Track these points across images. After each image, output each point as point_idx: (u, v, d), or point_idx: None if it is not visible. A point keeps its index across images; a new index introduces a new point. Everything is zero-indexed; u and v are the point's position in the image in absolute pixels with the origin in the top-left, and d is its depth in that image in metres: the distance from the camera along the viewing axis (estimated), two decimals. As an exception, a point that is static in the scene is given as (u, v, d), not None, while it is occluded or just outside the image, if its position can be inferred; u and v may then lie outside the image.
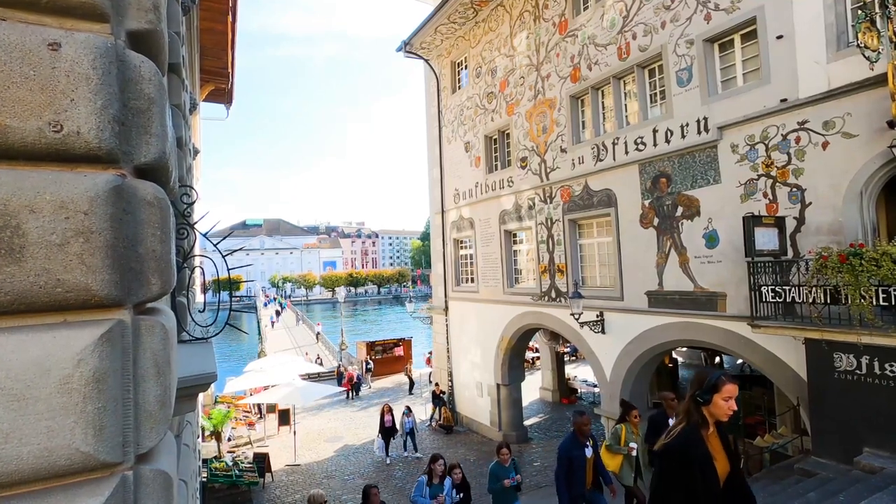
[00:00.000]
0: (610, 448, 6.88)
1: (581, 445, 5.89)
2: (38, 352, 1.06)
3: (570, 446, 5.87)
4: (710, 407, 2.63)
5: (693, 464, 2.52)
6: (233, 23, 7.81)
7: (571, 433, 6.00)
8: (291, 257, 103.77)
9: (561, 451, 5.93)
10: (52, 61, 1.10)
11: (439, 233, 16.61)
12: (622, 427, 6.91)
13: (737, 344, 8.02)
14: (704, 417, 2.65)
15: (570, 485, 5.73)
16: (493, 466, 6.72)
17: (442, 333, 16.59)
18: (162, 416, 1.27)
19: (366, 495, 6.36)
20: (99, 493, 1.11)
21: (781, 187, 7.40)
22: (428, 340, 22.33)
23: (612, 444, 6.88)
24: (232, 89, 11.20)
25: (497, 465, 6.74)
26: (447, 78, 16.13)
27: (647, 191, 9.47)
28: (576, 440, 5.91)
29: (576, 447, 5.87)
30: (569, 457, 5.78)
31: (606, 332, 10.40)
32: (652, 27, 9.22)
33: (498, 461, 6.78)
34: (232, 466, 11.46)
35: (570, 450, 5.83)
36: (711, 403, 2.62)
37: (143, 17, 1.29)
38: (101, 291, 1.13)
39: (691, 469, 2.51)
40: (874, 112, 6.32)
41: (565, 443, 5.97)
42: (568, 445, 5.89)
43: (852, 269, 5.71)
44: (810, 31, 7.02)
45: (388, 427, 13.01)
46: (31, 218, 1.07)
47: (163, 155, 1.30)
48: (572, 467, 5.75)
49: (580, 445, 5.90)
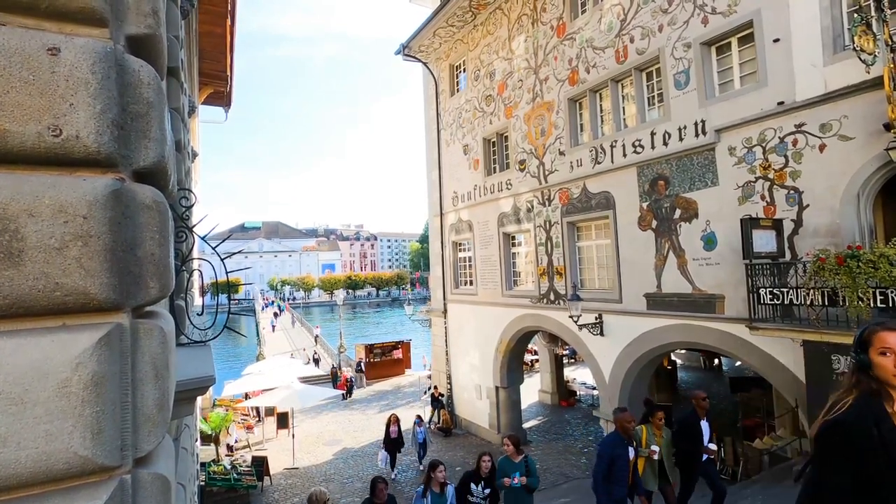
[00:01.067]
0: None
1: (625, 444, 5.47)
2: (37, 355, 1.06)
3: (614, 444, 5.45)
4: (872, 370, 2.00)
5: (869, 441, 1.91)
6: (231, 26, 7.83)
7: (614, 431, 5.61)
8: (290, 260, 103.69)
9: (603, 448, 5.49)
10: (52, 66, 1.10)
11: (438, 235, 16.62)
12: (643, 428, 6.50)
13: (735, 346, 8.03)
14: (882, 385, 1.99)
15: (611, 486, 5.33)
16: (501, 460, 6.29)
17: (441, 336, 16.58)
18: (160, 420, 1.27)
19: (373, 488, 5.85)
20: (97, 496, 1.11)
21: (779, 189, 7.43)
22: (427, 343, 22.30)
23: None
24: (231, 92, 11.22)
25: (504, 459, 6.27)
26: (446, 81, 16.16)
27: (645, 193, 9.49)
28: (619, 438, 5.49)
29: (619, 445, 5.44)
30: (611, 456, 5.35)
31: (605, 335, 10.41)
32: (649, 30, 9.26)
33: (507, 455, 6.31)
34: (230, 470, 11.43)
35: (613, 448, 5.41)
36: (871, 364, 2.00)
37: (142, 22, 1.29)
38: (100, 295, 1.13)
39: (867, 449, 1.92)
40: (870, 115, 6.35)
41: (608, 440, 5.59)
42: (611, 443, 5.48)
43: (850, 271, 5.72)
44: (807, 35, 7.05)
45: (395, 438, 12.12)
46: (30, 222, 1.07)
47: (161, 159, 1.31)
48: (613, 468, 5.32)
49: (624, 444, 5.47)
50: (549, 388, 17.52)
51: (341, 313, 35.67)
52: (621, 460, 5.36)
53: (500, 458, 6.32)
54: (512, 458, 6.23)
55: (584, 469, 11.54)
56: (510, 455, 6.28)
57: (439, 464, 6.11)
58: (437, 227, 16.70)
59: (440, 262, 16.45)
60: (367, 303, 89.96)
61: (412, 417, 17.15)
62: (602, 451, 5.47)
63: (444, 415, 15.46)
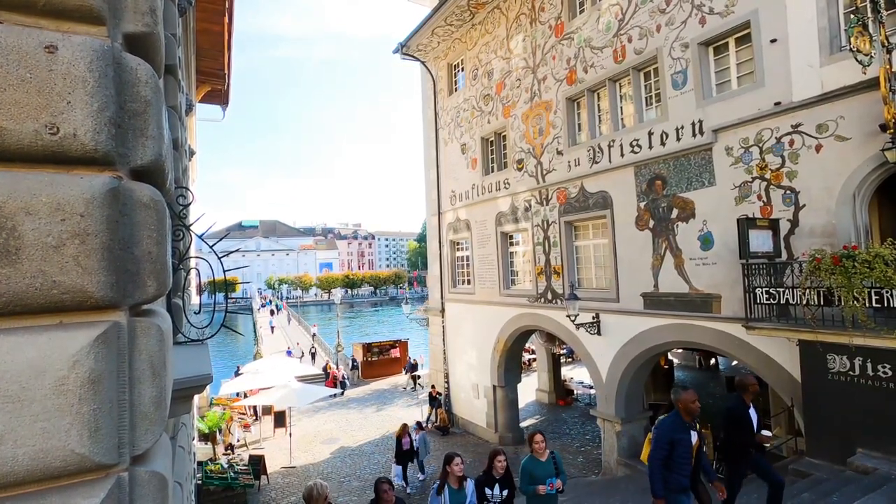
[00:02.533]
0: None
1: (687, 427, 4.78)
2: (34, 353, 1.07)
3: (673, 427, 4.79)
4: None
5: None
6: (229, 24, 7.80)
7: (674, 413, 4.91)
8: (287, 259, 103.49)
9: (660, 432, 4.86)
10: (49, 64, 1.10)
11: (436, 234, 16.63)
12: None
13: (731, 345, 8.06)
14: None
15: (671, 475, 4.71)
16: (526, 462, 5.57)
17: (438, 335, 16.59)
18: (157, 418, 1.28)
19: (377, 490, 5.18)
20: (94, 494, 1.11)
21: (775, 190, 7.45)
22: (424, 342, 22.32)
23: None
24: (228, 90, 11.18)
25: (531, 461, 5.55)
26: (444, 80, 16.16)
27: (642, 193, 9.51)
28: (680, 421, 4.80)
29: (680, 429, 4.75)
30: (671, 440, 4.71)
31: (602, 334, 10.43)
32: (647, 30, 9.27)
33: (531, 454, 5.56)
34: (227, 469, 11.41)
35: (672, 431, 4.75)
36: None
37: (139, 20, 1.29)
38: (97, 293, 1.13)
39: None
40: (866, 115, 6.38)
41: (666, 423, 4.91)
42: (670, 426, 4.82)
43: (845, 271, 5.75)
44: (804, 36, 7.08)
45: (407, 451, 11.39)
46: (28, 220, 1.07)
47: (159, 157, 1.31)
48: (673, 454, 4.70)
49: (685, 427, 4.77)
50: (546, 388, 17.56)
51: (339, 312, 35.63)
52: (682, 446, 4.70)
53: (525, 459, 5.61)
54: (539, 456, 5.53)
55: (581, 468, 11.58)
56: (537, 454, 5.55)
57: (455, 456, 5.43)
58: (434, 226, 16.70)
59: (438, 261, 16.46)
60: (364, 302, 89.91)
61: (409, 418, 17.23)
62: (659, 436, 4.82)
63: (442, 414, 15.48)
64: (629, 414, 10.26)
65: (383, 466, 12.67)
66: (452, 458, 5.38)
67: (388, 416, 17.66)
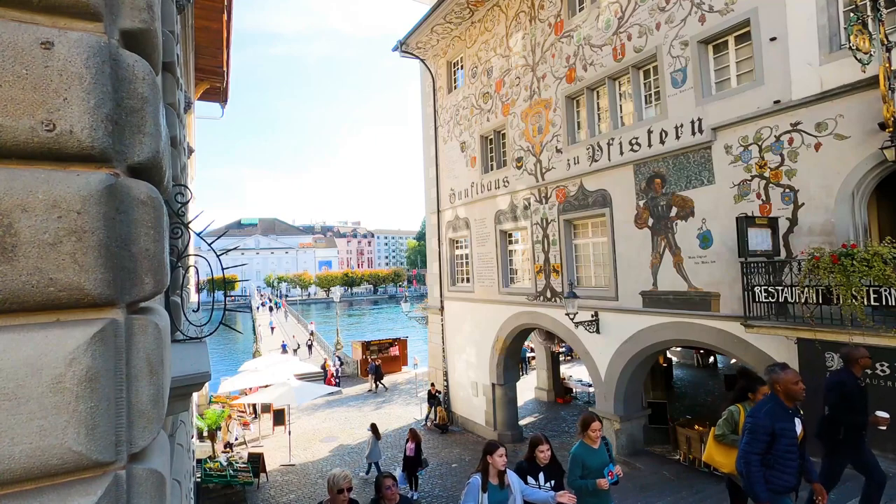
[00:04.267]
0: (722, 438, 4.72)
1: (790, 414, 3.80)
2: (31, 351, 1.06)
3: (774, 414, 3.76)
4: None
5: None
6: (228, 21, 7.78)
7: (771, 397, 3.90)
8: (287, 257, 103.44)
9: (758, 420, 3.81)
10: (45, 60, 1.10)
11: (435, 232, 16.62)
12: (740, 408, 4.70)
13: (730, 343, 8.07)
14: None
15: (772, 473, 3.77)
16: (578, 450, 4.68)
17: (437, 333, 16.60)
18: (155, 416, 1.27)
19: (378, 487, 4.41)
20: (91, 492, 1.11)
21: (774, 188, 7.46)
22: (424, 340, 22.33)
23: (726, 432, 4.71)
24: (227, 88, 11.16)
25: (583, 448, 4.67)
26: (443, 78, 16.13)
27: (641, 191, 9.51)
28: (781, 406, 3.80)
29: (782, 416, 3.76)
30: (772, 430, 3.72)
31: (601, 332, 10.44)
32: (647, 28, 9.26)
33: (583, 441, 4.71)
34: (226, 466, 11.42)
35: (774, 419, 3.74)
36: None
37: (136, 17, 1.29)
38: (94, 291, 1.13)
39: None
40: (866, 114, 6.38)
41: (765, 409, 3.83)
42: (769, 413, 3.77)
43: (844, 269, 5.76)
44: (803, 34, 7.07)
45: (411, 457, 10.83)
46: (24, 217, 1.07)
47: (156, 154, 1.30)
48: (774, 447, 3.74)
49: (788, 414, 3.79)
50: (545, 386, 17.58)
51: (338, 310, 35.64)
52: (787, 437, 3.74)
53: (576, 447, 4.75)
54: (591, 444, 4.70)
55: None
56: (590, 441, 4.69)
57: (498, 446, 4.40)
58: (434, 224, 16.70)
59: (437, 260, 16.46)
60: (363, 300, 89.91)
61: (407, 415, 17.26)
62: (757, 425, 3.80)
63: (441, 412, 15.50)
64: (628, 412, 10.28)
65: (383, 464, 12.68)
66: (495, 448, 4.34)
67: (387, 413, 17.70)
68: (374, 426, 12.10)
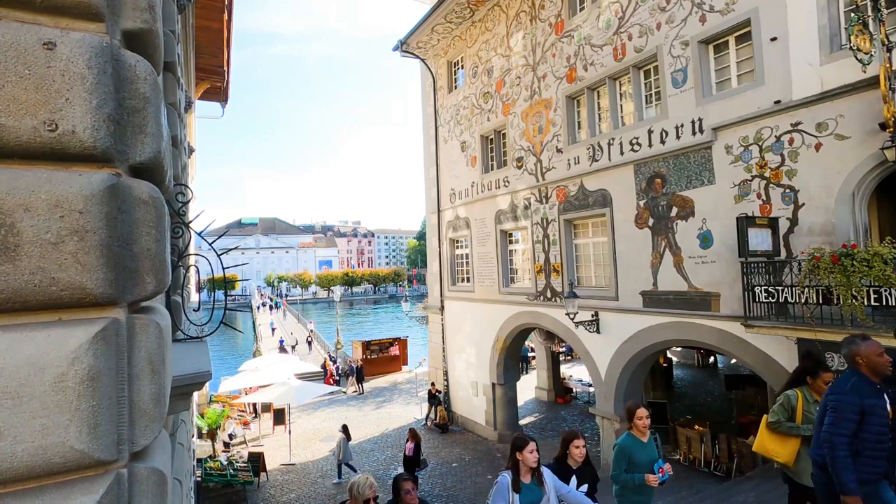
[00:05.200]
0: (777, 426, 4.25)
1: (879, 392, 3.33)
2: (33, 350, 1.07)
3: (861, 390, 3.29)
4: None
5: None
6: (228, 21, 7.79)
7: (853, 372, 3.43)
8: (287, 256, 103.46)
9: (843, 398, 3.32)
10: (48, 60, 1.10)
11: (435, 232, 16.63)
12: (798, 393, 4.24)
13: (730, 344, 8.07)
14: None
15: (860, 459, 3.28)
16: (625, 441, 4.33)
17: (437, 333, 16.60)
18: (156, 415, 1.28)
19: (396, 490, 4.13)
20: (93, 490, 1.12)
21: (775, 188, 7.46)
22: (424, 340, 22.33)
23: (781, 419, 4.24)
24: (228, 87, 11.17)
25: (631, 440, 4.28)
26: (443, 77, 16.13)
27: (642, 191, 9.51)
28: (867, 382, 3.33)
29: (871, 392, 3.30)
30: (861, 407, 3.25)
31: (601, 332, 10.44)
32: (647, 28, 9.26)
33: (630, 432, 4.33)
34: (226, 466, 11.43)
35: (862, 396, 3.27)
36: None
37: (138, 17, 1.29)
38: (96, 290, 1.13)
39: None
40: (866, 114, 6.38)
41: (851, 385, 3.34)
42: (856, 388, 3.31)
43: (844, 269, 5.76)
44: (804, 34, 7.07)
45: (410, 457, 10.69)
46: (26, 217, 1.07)
47: (158, 154, 1.31)
48: (862, 427, 3.25)
49: (878, 392, 3.32)
50: (545, 385, 17.58)
51: (338, 310, 35.65)
52: (876, 415, 3.25)
53: (622, 438, 4.40)
54: (640, 436, 4.30)
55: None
56: (638, 432, 4.28)
57: (529, 441, 3.93)
58: (434, 224, 16.70)
59: (437, 259, 16.46)
60: (364, 300, 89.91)
61: (407, 414, 17.26)
62: (842, 402, 3.31)
63: (441, 411, 15.50)
64: (628, 412, 10.27)
65: (383, 464, 12.71)
66: (526, 444, 3.89)
67: (388, 413, 17.71)
68: (345, 427, 12.07)
